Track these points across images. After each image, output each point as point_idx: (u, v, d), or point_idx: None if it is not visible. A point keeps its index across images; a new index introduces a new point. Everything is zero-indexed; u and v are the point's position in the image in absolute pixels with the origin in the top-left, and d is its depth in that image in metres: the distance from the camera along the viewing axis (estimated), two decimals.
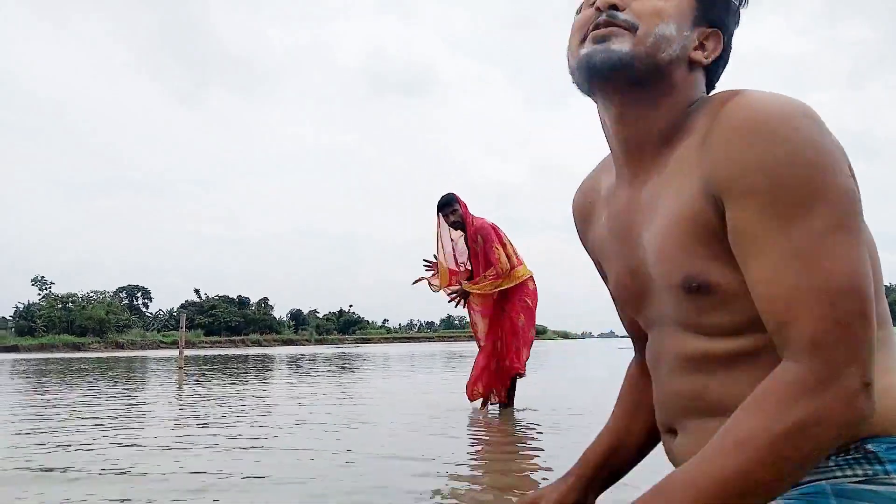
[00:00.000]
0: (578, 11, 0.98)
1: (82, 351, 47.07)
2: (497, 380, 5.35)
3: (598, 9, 0.89)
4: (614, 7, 0.88)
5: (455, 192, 5.70)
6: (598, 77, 0.88)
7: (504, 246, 5.45)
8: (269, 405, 5.82)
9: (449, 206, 5.61)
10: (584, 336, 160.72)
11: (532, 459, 3.15)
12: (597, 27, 0.88)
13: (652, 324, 0.96)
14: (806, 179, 0.75)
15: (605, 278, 1.09)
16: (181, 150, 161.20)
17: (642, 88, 0.89)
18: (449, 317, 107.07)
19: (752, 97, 0.79)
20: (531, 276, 5.53)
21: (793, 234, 0.75)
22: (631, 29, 0.87)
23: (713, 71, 0.95)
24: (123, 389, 8.16)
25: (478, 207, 6.68)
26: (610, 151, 1.00)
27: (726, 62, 0.97)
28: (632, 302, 0.97)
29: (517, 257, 5.51)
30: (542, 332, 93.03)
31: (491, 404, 5.26)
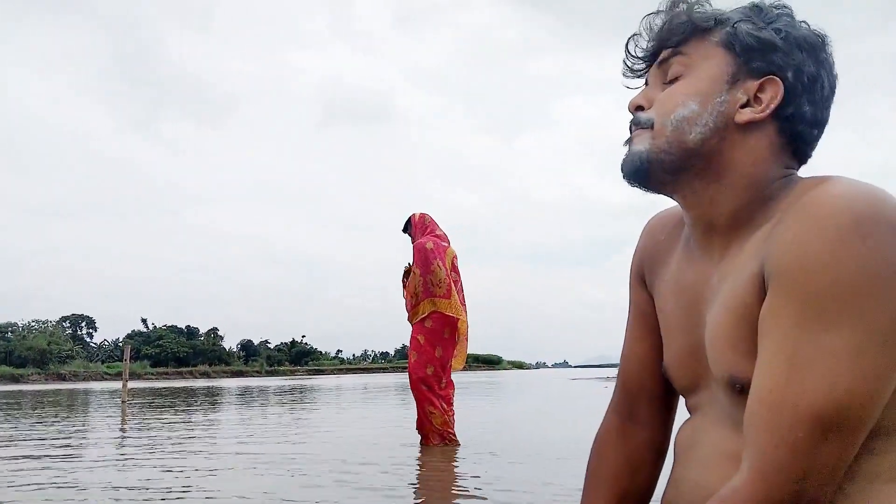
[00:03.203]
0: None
1: (21, 383, 45.11)
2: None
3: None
4: (640, 108, 0.87)
5: (417, 213, 5.30)
6: (631, 180, 0.86)
7: (429, 273, 4.91)
8: (213, 449, 5.67)
9: (406, 232, 5.28)
10: (538, 366, 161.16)
11: None
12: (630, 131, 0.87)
13: (699, 408, 0.89)
14: (849, 293, 0.66)
15: (636, 309, 1.01)
16: (131, 175, 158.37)
17: (688, 173, 0.82)
18: (404, 347, 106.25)
19: (835, 188, 0.70)
20: (430, 314, 4.93)
21: (803, 340, 0.67)
22: (650, 126, 0.84)
23: (794, 129, 0.81)
24: (61, 426, 7.81)
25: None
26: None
27: (814, 115, 0.81)
28: (687, 383, 0.90)
29: (442, 287, 4.91)
30: (497, 362, 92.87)
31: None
